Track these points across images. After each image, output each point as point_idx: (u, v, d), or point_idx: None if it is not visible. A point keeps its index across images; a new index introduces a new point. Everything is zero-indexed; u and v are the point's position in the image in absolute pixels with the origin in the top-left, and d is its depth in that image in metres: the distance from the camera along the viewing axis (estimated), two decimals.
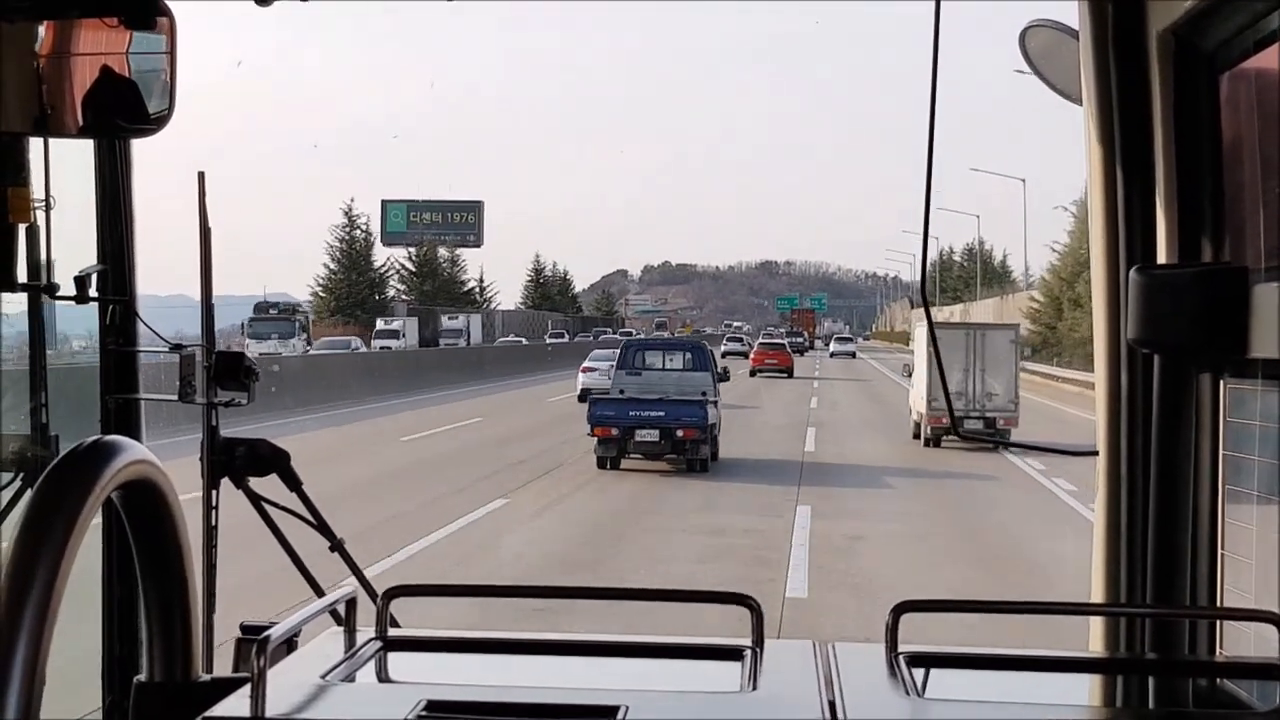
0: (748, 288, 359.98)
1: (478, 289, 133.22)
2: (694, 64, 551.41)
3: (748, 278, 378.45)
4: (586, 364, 47.09)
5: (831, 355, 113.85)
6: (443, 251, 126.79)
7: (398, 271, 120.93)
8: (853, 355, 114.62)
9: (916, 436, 35.04)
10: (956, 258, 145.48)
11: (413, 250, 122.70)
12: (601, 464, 27.54)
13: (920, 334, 36.64)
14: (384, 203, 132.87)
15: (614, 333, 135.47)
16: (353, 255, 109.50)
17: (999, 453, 31.86)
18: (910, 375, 38.18)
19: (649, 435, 27.15)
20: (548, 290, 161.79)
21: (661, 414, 27.26)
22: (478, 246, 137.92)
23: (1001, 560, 19.06)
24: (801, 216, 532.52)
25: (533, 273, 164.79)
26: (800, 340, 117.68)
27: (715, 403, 29.12)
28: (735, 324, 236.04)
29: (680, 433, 27.11)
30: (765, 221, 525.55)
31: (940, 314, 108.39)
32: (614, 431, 27.19)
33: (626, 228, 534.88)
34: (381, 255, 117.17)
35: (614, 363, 35.04)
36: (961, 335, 34.40)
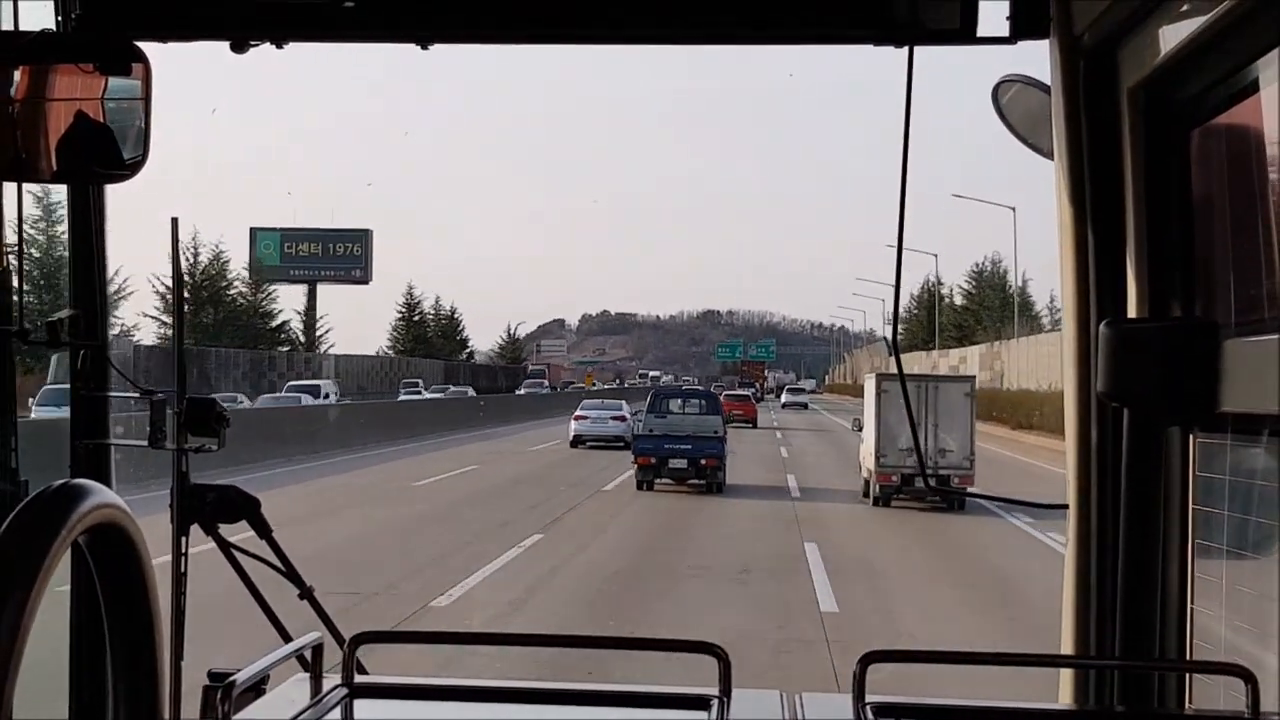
0: (689, 337, 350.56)
1: (301, 325, 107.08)
2: (640, 114, 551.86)
3: (689, 327, 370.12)
4: (579, 413, 54.01)
5: (784, 406, 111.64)
6: (242, 273, 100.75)
7: (162, 295, 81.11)
8: (805, 406, 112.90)
9: (866, 495, 33.05)
10: (959, 284, 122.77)
11: (192, 268, 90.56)
12: (640, 485, 35.02)
13: (870, 386, 34.39)
14: (253, 231, 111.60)
15: (463, 385, 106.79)
16: (47, 266, 56.63)
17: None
18: (860, 430, 36.08)
19: (679, 463, 34.65)
20: (423, 332, 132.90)
21: (689, 447, 34.77)
22: (365, 283, 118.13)
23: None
24: (745, 266, 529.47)
25: (403, 310, 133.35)
26: (752, 391, 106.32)
27: (725, 439, 36.44)
28: (654, 374, 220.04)
29: (703, 461, 34.60)
30: (707, 271, 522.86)
31: (948, 361, 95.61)
32: (652, 460, 34.81)
33: (564, 276, 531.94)
34: (124, 272, 73.17)
35: (604, 411, 53.29)
36: (913, 387, 32.00)
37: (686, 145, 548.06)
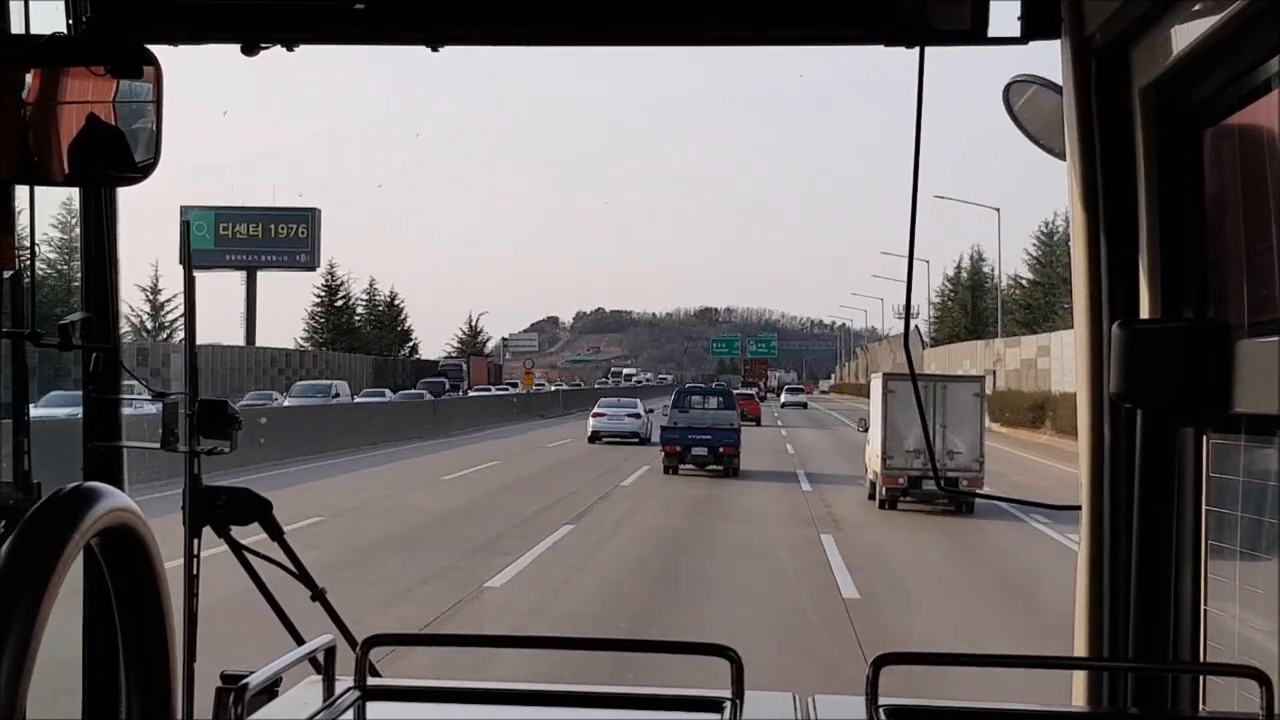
0: (685, 335, 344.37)
1: (148, 306, 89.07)
2: (641, 112, 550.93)
3: (686, 325, 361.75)
4: (596, 410, 57.80)
5: (783, 405, 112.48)
6: (51, 233, 74.70)
7: None
8: (804, 405, 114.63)
9: (871, 497, 32.09)
10: (1028, 249, 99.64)
11: None
12: (667, 470, 40.24)
13: (876, 385, 33.61)
14: (184, 209, 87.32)
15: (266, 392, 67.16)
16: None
17: None
18: (866, 430, 35.41)
19: (701, 451, 40.15)
20: (346, 322, 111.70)
21: (709, 437, 40.28)
22: (311, 268, 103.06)
23: None
24: (743, 263, 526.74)
25: (322, 293, 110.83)
26: (756, 390, 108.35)
27: (740, 430, 42.04)
28: (627, 371, 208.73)
29: (721, 449, 40.10)
30: (705, 268, 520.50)
31: (1020, 353, 75.36)
32: (677, 448, 40.19)
33: (558, 274, 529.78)
34: None
35: (620, 409, 57.16)
36: (921, 387, 30.32)
37: (687, 144, 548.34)
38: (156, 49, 3.31)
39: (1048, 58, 3.28)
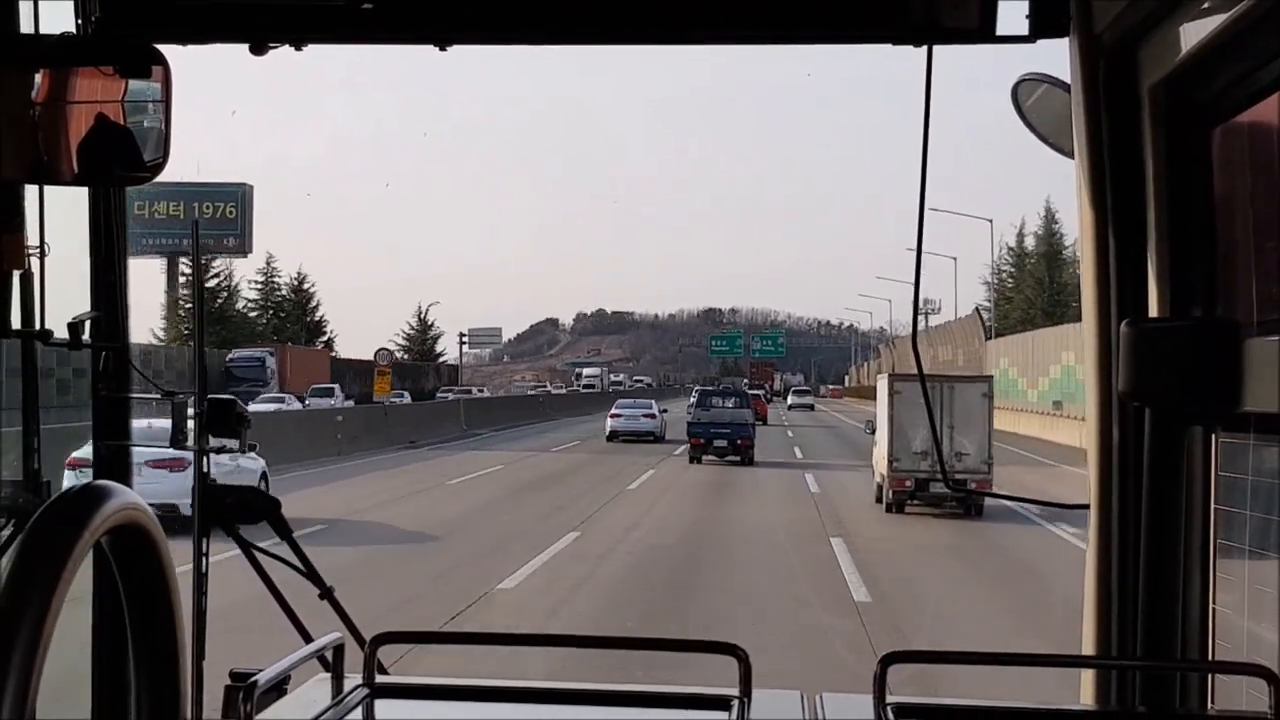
0: (689, 336, 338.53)
1: None
2: (645, 112, 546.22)
3: (689, 326, 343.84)
4: (614, 411, 61.39)
5: (790, 408, 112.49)
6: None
7: None
8: (811, 408, 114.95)
9: (879, 500, 31.52)
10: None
11: None
12: (692, 459, 46.39)
13: (882, 387, 32.97)
14: None
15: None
16: None
17: None
18: (873, 432, 34.40)
19: (721, 443, 46.58)
20: (215, 307, 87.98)
21: (729, 431, 46.95)
22: (242, 254, 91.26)
23: None
24: (748, 264, 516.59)
25: (188, 270, 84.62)
26: (763, 392, 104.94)
27: (754, 425, 49.59)
28: (588, 372, 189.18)
29: (739, 442, 46.48)
30: (709, 270, 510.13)
31: None
32: (701, 440, 46.71)
33: (559, 275, 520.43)
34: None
35: (636, 409, 61.16)
36: (927, 388, 28.69)
37: (693, 143, 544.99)
38: (165, 48, 3.32)
39: (1056, 56, 3.28)
